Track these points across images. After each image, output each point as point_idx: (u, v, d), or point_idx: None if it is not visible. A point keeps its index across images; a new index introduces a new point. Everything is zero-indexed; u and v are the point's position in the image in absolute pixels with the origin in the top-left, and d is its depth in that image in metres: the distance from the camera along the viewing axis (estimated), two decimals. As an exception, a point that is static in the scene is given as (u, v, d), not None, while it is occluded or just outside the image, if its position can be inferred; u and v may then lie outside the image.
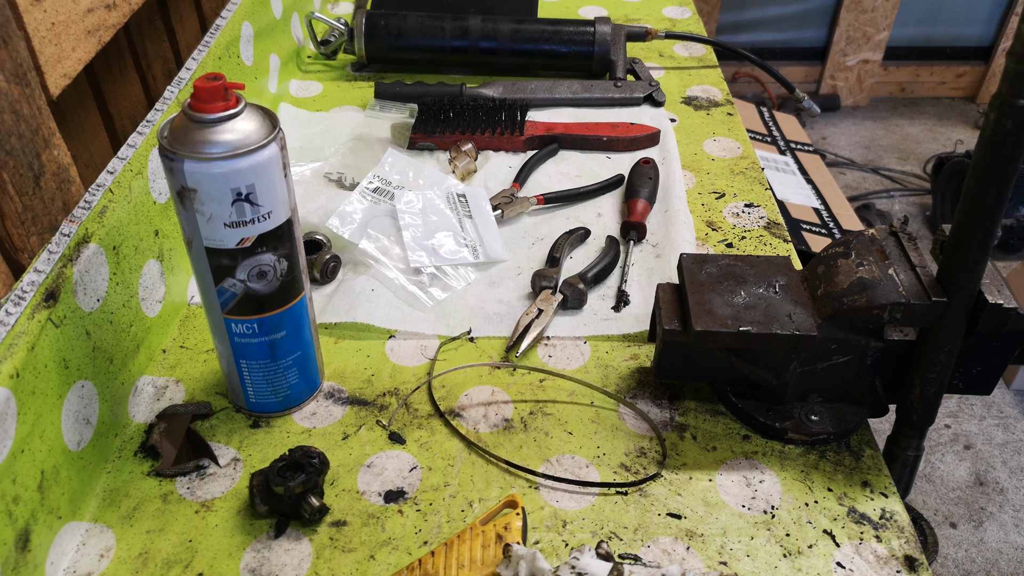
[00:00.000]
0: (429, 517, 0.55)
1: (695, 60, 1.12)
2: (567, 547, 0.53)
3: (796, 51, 2.73)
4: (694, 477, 0.58)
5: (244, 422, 0.62)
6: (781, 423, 0.60)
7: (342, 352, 0.68)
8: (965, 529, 1.54)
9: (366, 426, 0.62)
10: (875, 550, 0.54)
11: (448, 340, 0.69)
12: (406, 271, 0.74)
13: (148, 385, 0.64)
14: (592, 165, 0.91)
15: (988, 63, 2.74)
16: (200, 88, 0.48)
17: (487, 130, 0.92)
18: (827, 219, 1.71)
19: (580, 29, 1.04)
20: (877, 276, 0.57)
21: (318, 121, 0.97)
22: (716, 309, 0.58)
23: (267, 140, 0.50)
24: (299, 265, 0.57)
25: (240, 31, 0.87)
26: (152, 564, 0.52)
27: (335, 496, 0.56)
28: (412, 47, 1.04)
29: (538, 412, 0.63)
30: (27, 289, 0.51)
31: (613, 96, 1.01)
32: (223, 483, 0.57)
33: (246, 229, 0.51)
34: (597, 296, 0.74)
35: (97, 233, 0.57)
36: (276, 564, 0.52)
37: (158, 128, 0.51)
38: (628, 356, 0.68)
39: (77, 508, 0.54)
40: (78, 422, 0.54)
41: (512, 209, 0.82)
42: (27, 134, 0.57)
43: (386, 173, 0.83)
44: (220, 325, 0.56)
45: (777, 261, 0.62)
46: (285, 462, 0.55)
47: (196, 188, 0.49)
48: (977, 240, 0.51)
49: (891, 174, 2.47)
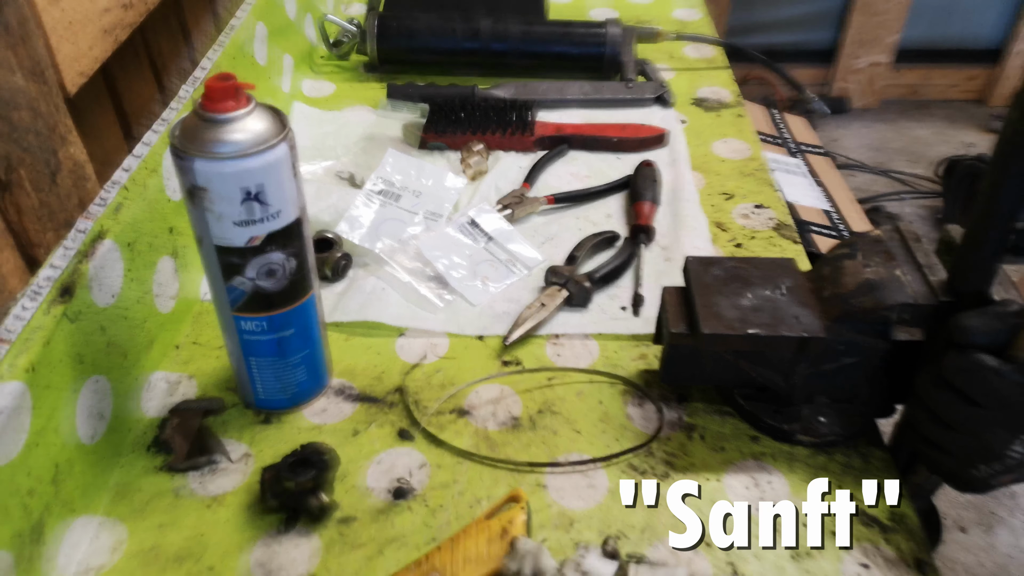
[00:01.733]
0: (437, 514, 0.56)
1: (705, 62, 1.13)
2: (575, 546, 0.54)
3: (806, 53, 2.72)
4: (702, 478, 0.58)
5: (255, 418, 0.62)
6: (789, 425, 0.60)
7: (352, 349, 0.68)
8: (975, 534, 1.53)
9: (376, 423, 0.62)
10: (884, 552, 0.54)
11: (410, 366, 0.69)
12: (418, 275, 0.75)
13: (161, 380, 0.65)
14: (602, 166, 0.91)
15: (999, 66, 2.72)
16: (211, 88, 0.49)
17: (497, 130, 0.93)
18: (836, 221, 1.71)
19: (590, 31, 1.04)
20: (884, 277, 0.57)
21: (330, 120, 0.97)
22: (723, 312, 0.58)
23: (277, 140, 0.51)
24: (308, 264, 0.57)
25: (254, 31, 0.88)
26: (163, 558, 0.53)
27: (344, 492, 0.57)
28: (423, 49, 1.04)
29: (546, 410, 0.63)
30: (43, 284, 0.52)
31: (623, 97, 1.01)
32: (234, 478, 0.58)
33: (255, 228, 0.52)
34: (607, 296, 0.74)
35: (112, 230, 0.58)
36: (285, 559, 0.53)
37: (170, 127, 0.52)
38: (636, 356, 0.68)
39: (90, 502, 0.55)
40: (92, 416, 0.55)
41: (522, 209, 0.82)
42: (44, 131, 0.58)
43: (388, 174, 0.83)
44: (229, 322, 0.57)
45: (783, 263, 0.62)
46: (295, 458, 0.55)
47: (206, 187, 0.50)
48: (991, 240, 0.50)
49: (901, 177, 2.46)
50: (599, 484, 0.58)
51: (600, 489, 0.57)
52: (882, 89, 2.75)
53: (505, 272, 0.76)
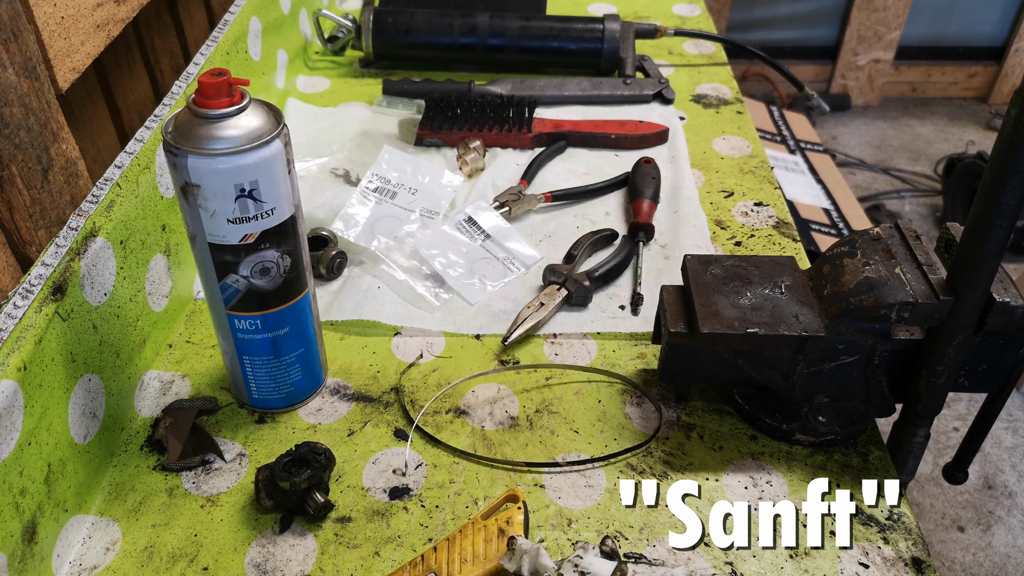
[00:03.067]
0: (434, 514, 0.55)
1: (705, 58, 1.12)
2: (573, 546, 0.53)
3: (807, 50, 2.72)
4: (701, 477, 0.58)
5: (250, 417, 0.62)
6: (788, 424, 0.60)
7: (348, 348, 0.68)
8: (973, 533, 1.53)
9: (372, 422, 0.62)
10: (882, 552, 0.53)
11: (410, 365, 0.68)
12: (414, 273, 0.74)
13: (154, 380, 0.64)
14: (600, 163, 0.91)
15: (1000, 63, 2.72)
16: (204, 84, 0.48)
17: (495, 127, 0.92)
18: (836, 219, 1.70)
19: (589, 26, 1.04)
20: (884, 275, 0.56)
21: (325, 116, 0.97)
22: (722, 311, 0.57)
23: (271, 136, 0.50)
24: (302, 262, 0.57)
25: (248, 26, 0.87)
26: (157, 558, 0.53)
27: (340, 492, 0.57)
28: (420, 44, 1.04)
29: (544, 410, 0.63)
30: (35, 282, 0.51)
31: (622, 94, 1.01)
32: (229, 478, 0.57)
33: (249, 225, 0.51)
34: (605, 295, 0.74)
35: (105, 227, 0.58)
36: (281, 559, 0.53)
37: (163, 123, 0.51)
38: (635, 355, 0.67)
39: (83, 501, 0.54)
40: (85, 416, 0.54)
41: (520, 207, 0.82)
42: (36, 128, 0.57)
43: (384, 171, 0.82)
44: (223, 321, 0.57)
45: (782, 261, 0.62)
46: (291, 457, 0.55)
47: (199, 184, 0.49)
48: (992, 238, 0.50)
49: (902, 175, 2.46)
50: (597, 484, 0.57)
51: (598, 489, 0.57)
52: (883, 86, 2.75)
53: (502, 270, 0.76)
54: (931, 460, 1.65)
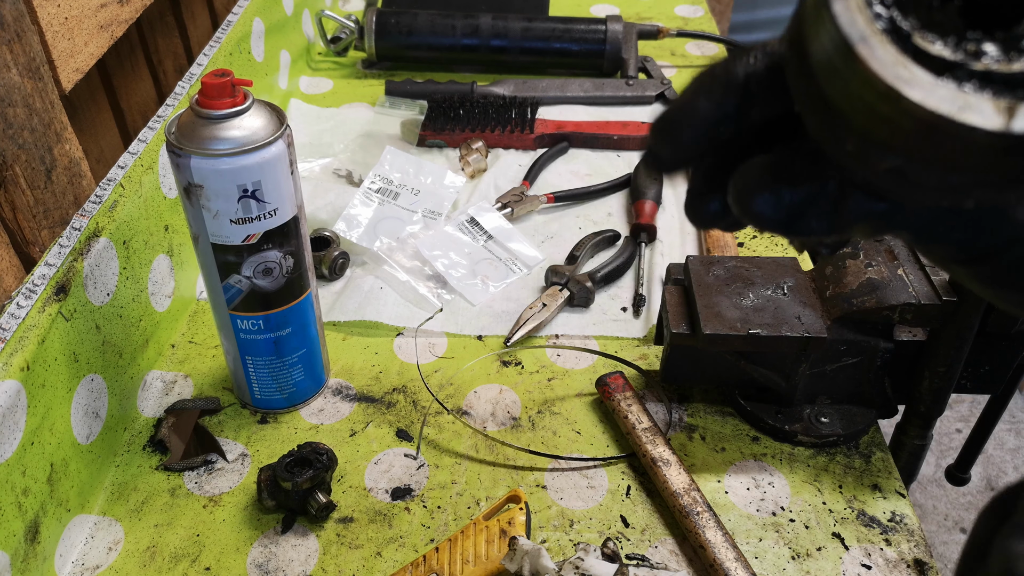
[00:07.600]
0: (436, 515, 0.55)
1: (707, 59, 1.12)
2: (574, 547, 0.53)
3: (809, 51, 2.72)
4: (703, 478, 0.58)
5: (252, 418, 0.62)
6: (790, 425, 0.60)
7: (350, 349, 0.68)
8: (975, 533, 1.52)
9: (374, 423, 0.62)
10: (884, 553, 0.53)
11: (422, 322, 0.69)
12: (416, 274, 0.74)
13: (157, 380, 0.64)
14: (602, 164, 0.91)
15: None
16: (207, 84, 0.48)
17: (497, 128, 0.92)
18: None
19: (591, 27, 1.04)
20: (886, 276, 0.56)
21: (328, 117, 0.97)
22: (724, 312, 0.57)
23: (274, 137, 0.50)
24: (305, 262, 0.57)
25: (251, 27, 0.88)
26: (160, 558, 0.53)
27: (342, 492, 0.57)
28: (423, 45, 1.04)
29: (546, 411, 0.63)
30: (38, 282, 0.51)
31: (624, 95, 1.01)
32: (231, 478, 0.58)
33: (252, 226, 0.52)
34: (607, 296, 0.74)
35: (108, 227, 0.58)
36: (283, 559, 0.53)
37: (166, 124, 0.51)
38: (637, 356, 0.67)
39: (86, 501, 0.55)
40: (87, 415, 0.55)
41: (522, 207, 0.82)
42: (39, 128, 0.57)
43: (386, 172, 0.82)
44: (226, 321, 0.57)
45: (784, 262, 0.62)
46: (293, 458, 0.55)
47: (202, 184, 0.49)
48: None
49: (904, 175, 2.46)
50: (599, 485, 0.57)
51: (600, 490, 0.57)
52: (884, 87, 2.74)
53: (505, 271, 0.76)
54: (933, 461, 1.64)
